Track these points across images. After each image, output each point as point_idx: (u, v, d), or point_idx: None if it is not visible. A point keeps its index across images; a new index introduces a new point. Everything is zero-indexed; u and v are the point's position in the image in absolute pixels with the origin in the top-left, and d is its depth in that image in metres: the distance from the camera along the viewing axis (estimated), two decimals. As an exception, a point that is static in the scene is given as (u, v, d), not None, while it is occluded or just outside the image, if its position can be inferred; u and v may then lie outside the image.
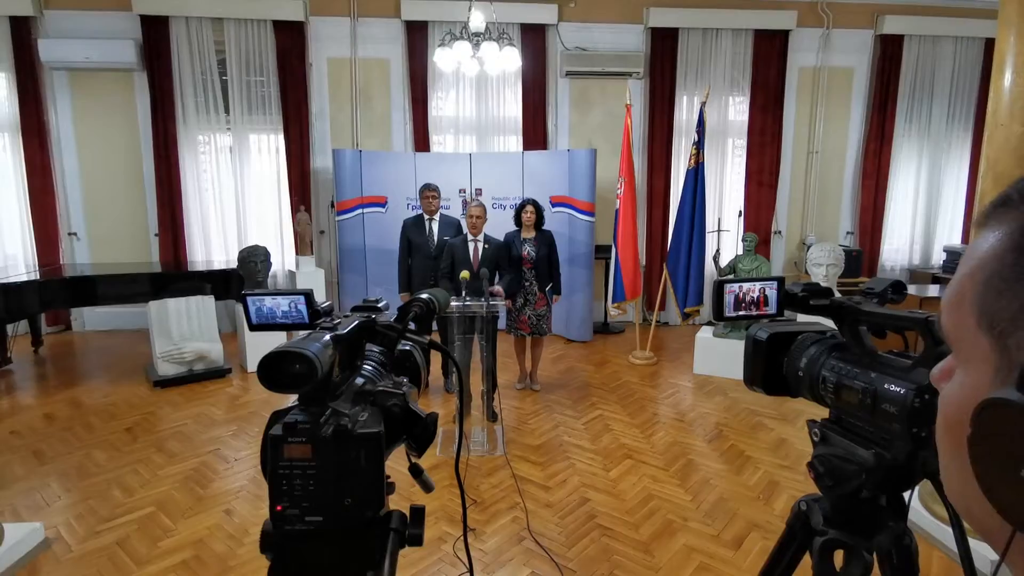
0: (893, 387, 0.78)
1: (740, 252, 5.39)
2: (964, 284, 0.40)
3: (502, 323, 5.09)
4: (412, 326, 0.90)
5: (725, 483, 3.42)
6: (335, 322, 0.83)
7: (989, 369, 0.38)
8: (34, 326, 5.81)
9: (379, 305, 0.90)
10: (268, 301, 0.87)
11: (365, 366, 0.86)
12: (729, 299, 0.97)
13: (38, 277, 5.15)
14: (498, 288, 4.27)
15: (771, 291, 0.98)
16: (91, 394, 4.76)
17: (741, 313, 0.97)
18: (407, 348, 0.93)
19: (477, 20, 4.84)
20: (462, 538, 2.87)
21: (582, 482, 3.42)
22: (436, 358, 4.78)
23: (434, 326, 4.66)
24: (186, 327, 5.07)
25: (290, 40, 6.31)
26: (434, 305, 0.92)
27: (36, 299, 4.89)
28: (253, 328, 0.90)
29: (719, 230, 6.20)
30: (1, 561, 2.56)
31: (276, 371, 0.67)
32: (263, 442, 0.71)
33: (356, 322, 0.83)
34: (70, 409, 4.45)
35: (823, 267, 4.95)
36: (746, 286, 0.97)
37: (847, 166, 7.21)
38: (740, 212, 6.64)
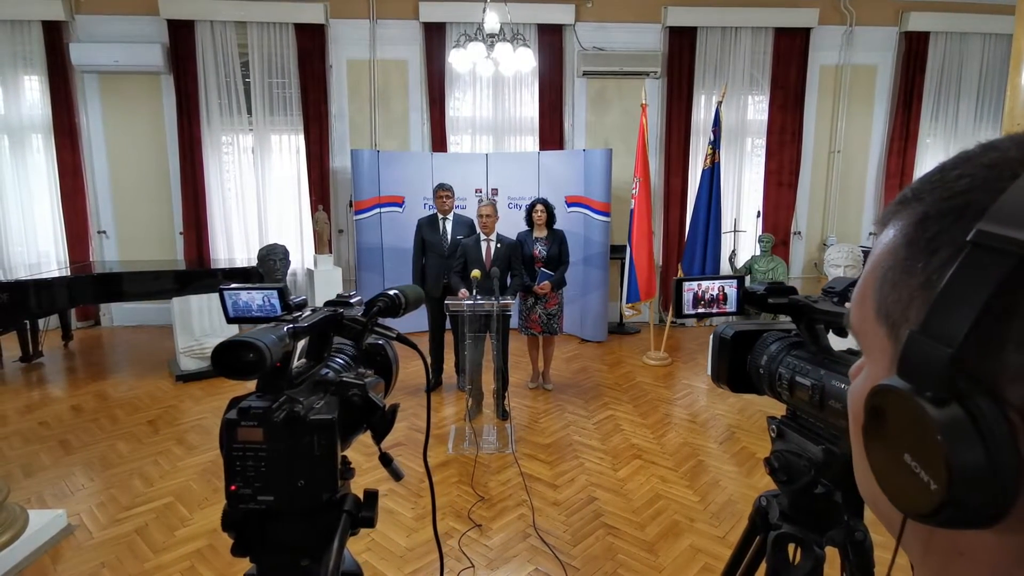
0: (839, 384, 0.79)
1: (757, 253, 5.34)
2: (867, 280, 0.42)
3: (514, 322, 5.11)
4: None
5: (734, 485, 3.40)
6: (301, 315, 0.88)
7: (886, 360, 0.39)
8: (64, 321, 6.01)
9: (351, 300, 0.94)
10: (244, 295, 0.92)
11: (335, 358, 0.90)
12: (688, 297, 0.98)
13: (68, 274, 5.33)
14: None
15: (730, 289, 0.99)
16: (117, 387, 4.91)
17: (700, 311, 0.99)
18: (380, 342, 0.97)
19: (492, 21, 4.88)
20: (465, 533, 2.92)
21: (590, 481, 3.43)
22: (449, 357, 4.83)
23: (447, 324, 4.70)
24: (207, 323, 5.21)
25: (311, 42, 6.42)
26: (400, 300, 0.96)
27: (66, 295, 5.05)
28: (230, 321, 0.95)
29: (735, 230, 6.15)
30: (25, 546, 2.68)
31: (232, 358, 0.72)
32: (221, 425, 0.75)
33: (320, 316, 0.87)
34: (96, 401, 4.61)
35: (841, 268, 4.89)
36: (705, 284, 0.98)
37: (870, 165, 7.07)
38: (758, 212, 6.57)
